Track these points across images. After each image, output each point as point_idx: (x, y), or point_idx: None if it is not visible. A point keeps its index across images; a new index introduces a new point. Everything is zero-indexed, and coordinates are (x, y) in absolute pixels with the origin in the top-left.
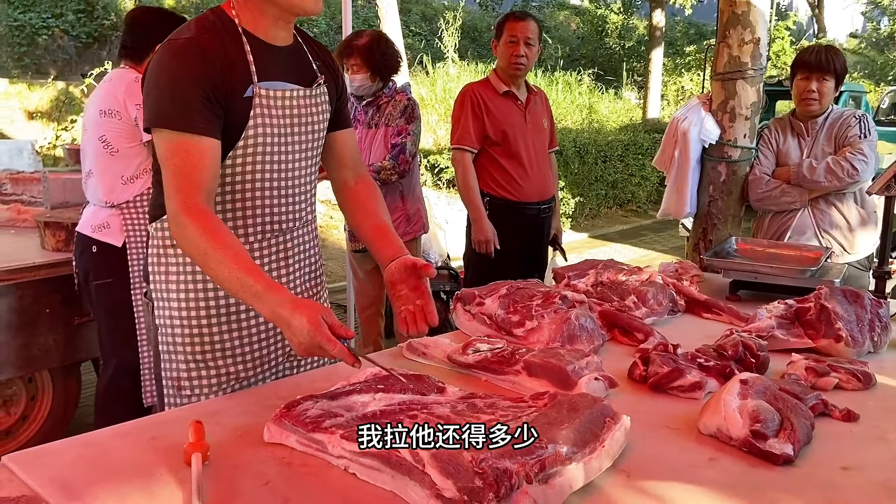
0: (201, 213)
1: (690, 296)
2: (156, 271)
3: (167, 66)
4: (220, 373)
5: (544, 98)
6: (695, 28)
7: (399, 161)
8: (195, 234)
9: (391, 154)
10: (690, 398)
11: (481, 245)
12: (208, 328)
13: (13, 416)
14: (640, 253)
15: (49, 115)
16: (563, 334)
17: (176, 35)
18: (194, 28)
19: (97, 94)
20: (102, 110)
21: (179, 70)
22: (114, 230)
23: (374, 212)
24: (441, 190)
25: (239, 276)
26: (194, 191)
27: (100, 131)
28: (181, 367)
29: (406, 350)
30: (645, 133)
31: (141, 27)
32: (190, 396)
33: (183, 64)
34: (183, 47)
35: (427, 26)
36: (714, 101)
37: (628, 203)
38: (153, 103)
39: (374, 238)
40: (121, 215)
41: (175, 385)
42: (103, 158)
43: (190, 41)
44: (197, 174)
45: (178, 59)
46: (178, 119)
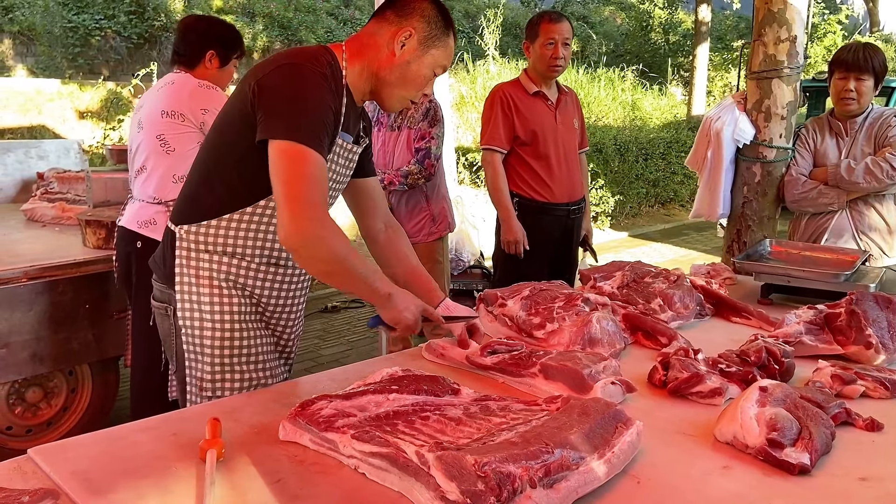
0: (335, 222)
1: (719, 299)
2: (184, 273)
3: (311, 87)
4: (245, 377)
5: (575, 98)
6: (745, 22)
7: (425, 165)
8: (340, 240)
9: (416, 158)
10: (710, 404)
11: (510, 246)
12: (239, 332)
13: (54, 408)
14: (680, 252)
15: (99, 114)
16: (584, 337)
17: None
18: (323, 64)
19: (158, 95)
20: (165, 111)
21: (320, 95)
22: (160, 227)
23: (407, 257)
24: (479, 187)
25: (374, 269)
26: (326, 203)
27: (158, 130)
28: (206, 370)
29: (425, 351)
30: (689, 130)
31: (194, 34)
32: (210, 398)
33: (322, 91)
34: (321, 77)
35: (469, 24)
36: (749, 101)
37: (670, 202)
38: (290, 117)
39: (415, 286)
40: (167, 213)
41: (198, 385)
42: (158, 156)
43: (322, 76)
44: (325, 191)
45: (318, 85)
46: (315, 139)
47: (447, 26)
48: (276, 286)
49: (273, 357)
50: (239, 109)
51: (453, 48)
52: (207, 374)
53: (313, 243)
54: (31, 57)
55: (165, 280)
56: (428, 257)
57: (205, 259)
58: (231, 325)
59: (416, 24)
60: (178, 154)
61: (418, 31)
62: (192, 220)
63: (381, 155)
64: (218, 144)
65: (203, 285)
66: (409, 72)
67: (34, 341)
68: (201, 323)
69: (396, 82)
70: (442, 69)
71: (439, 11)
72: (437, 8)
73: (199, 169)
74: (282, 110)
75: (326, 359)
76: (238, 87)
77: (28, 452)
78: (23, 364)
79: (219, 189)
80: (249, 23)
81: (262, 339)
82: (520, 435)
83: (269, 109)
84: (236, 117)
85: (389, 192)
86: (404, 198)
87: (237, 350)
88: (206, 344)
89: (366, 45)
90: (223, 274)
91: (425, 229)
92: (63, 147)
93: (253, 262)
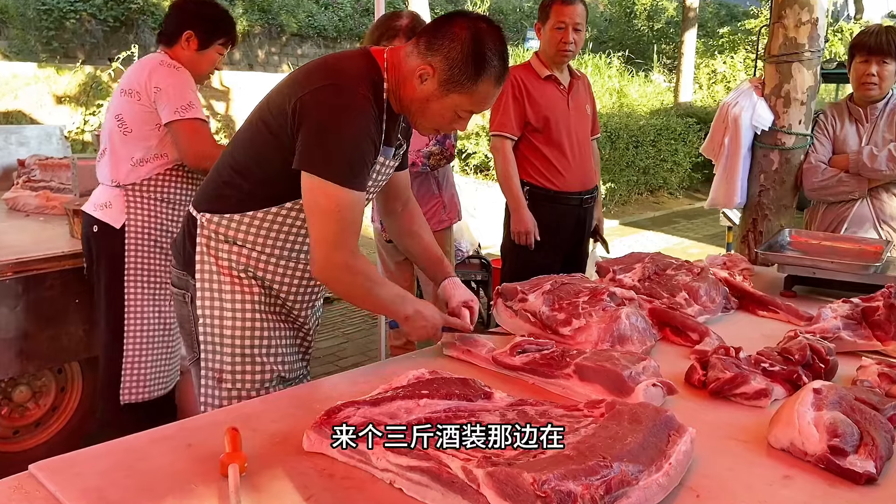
0: (362, 259)
1: (744, 292)
2: (205, 261)
3: (352, 121)
4: (265, 370)
5: (587, 83)
6: (726, 9)
7: (446, 146)
8: (365, 278)
9: (437, 139)
10: (755, 406)
11: (521, 236)
12: (260, 323)
13: (43, 408)
14: (672, 241)
15: (77, 99)
16: (613, 334)
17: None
18: (366, 82)
19: (125, 73)
20: (124, 89)
21: (363, 126)
22: (115, 211)
23: (420, 233)
24: (468, 175)
25: (395, 294)
26: (356, 243)
27: (117, 110)
28: (225, 360)
29: (447, 350)
30: (677, 117)
31: (176, 11)
32: (230, 390)
33: (365, 120)
34: (363, 105)
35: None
36: (767, 85)
37: (659, 189)
38: (331, 154)
39: (425, 259)
40: (125, 196)
41: (216, 377)
42: (117, 137)
43: (366, 101)
44: (358, 227)
45: (362, 112)
46: (353, 178)
47: (478, 72)
48: (295, 279)
49: (293, 350)
50: (277, 122)
51: (487, 94)
52: (227, 364)
53: (341, 282)
54: (3, 40)
55: (184, 266)
56: None
57: (224, 249)
58: (252, 315)
59: (438, 63)
60: (135, 136)
61: (439, 73)
62: (215, 209)
63: None
64: (248, 146)
65: (224, 274)
66: (429, 109)
67: (21, 338)
68: (221, 312)
69: (419, 115)
70: (468, 114)
71: (473, 52)
72: (472, 47)
73: (228, 162)
74: (322, 143)
75: (323, 352)
76: (275, 94)
77: (30, 469)
78: (9, 363)
79: (246, 186)
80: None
81: (282, 330)
82: (572, 447)
83: (308, 139)
84: (273, 127)
85: None
86: (416, 183)
87: (257, 341)
88: (227, 334)
89: (400, 64)
90: (242, 265)
91: (436, 217)
92: (45, 133)
93: (272, 257)
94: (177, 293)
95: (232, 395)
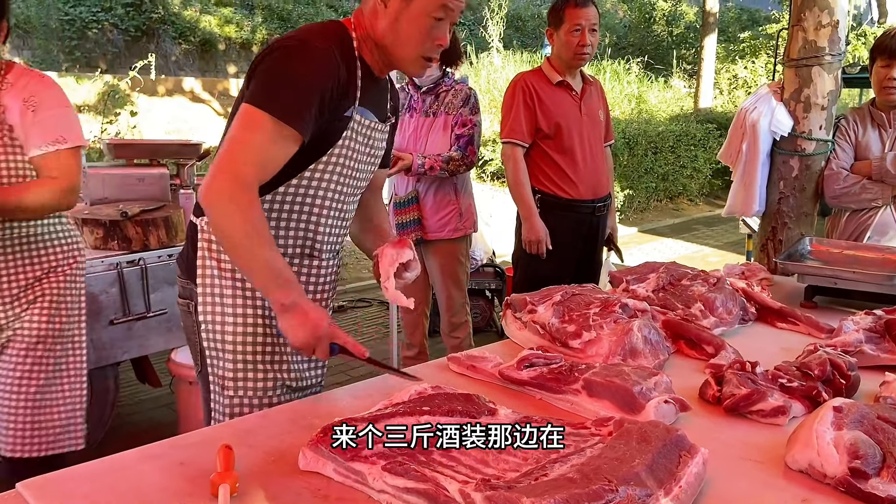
0: (256, 199)
1: (763, 303)
2: (206, 266)
3: (301, 61)
4: (268, 377)
5: (600, 88)
6: (747, 14)
7: (467, 152)
8: (248, 221)
9: (458, 145)
10: (772, 424)
11: (532, 245)
12: (262, 328)
13: None
14: (692, 248)
15: (96, 108)
16: (625, 347)
17: (308, 37)
18: (330, 37)
19: None
20: None
21: (309, 71)
22: None
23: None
24: (485, 182)
25: (279, 262)
26: (257, 177)
27: None
28: (227, 367)
29: (452, 364)
30: (697, 123)
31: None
32: (233, 398)
33: (314, 67)
34: (316, 51)
35: (472, 15)
36: (786, 90)
37: (679, 196)
38: (271, 89)
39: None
40: None
41: (220, 384)
42: None
43: (327, 49)
44: (269, 165)
45: (311, 60)
46: (288, 112)
47: None
48: (301, 280)
49: (299, 359)
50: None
51: None
52: (230, 371)
53: (220, 210)
54: (27, 50)
55: (188, 275)
56: (451, 256)
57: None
58: (254, 321)
59: None
60: None
61: None
62: None
63: (413, 140)
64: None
65: (226, 278)
66: (401, 29)
67: None
68: (223, 318)
69: (396, 44)
70: (442, 10)
71: None
72: None
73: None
74: (265, 82)
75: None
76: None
77: (17, 487)
78: None
79: None
80: (248, 15)
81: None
82: (576, 469)
83: (255, 83)
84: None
85: (418, 179)
86: (432, 189)
87: (259, 347)
88: (228, 340)
89: (362, 13)
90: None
91: (451, 224)
92: None
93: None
94: (181, 303)
95: (234, 402)
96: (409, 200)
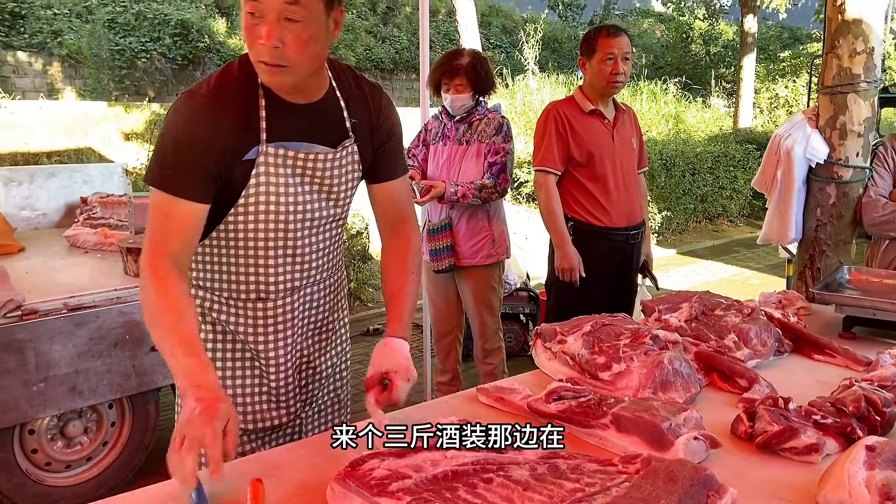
0: (164, 275)
1: (799, 334)
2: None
3: (173, 123)
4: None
5: (633, 116)
6: (788, 32)
7: (500, 180)
8: (152, 294)
9: (491, 173)
10: (805, 462)
11: (565, 273)
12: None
13: (94, 442)
14: (732, 271)
15: (143, 136)
16: (655, 380)
17: (196, 87)
18: (214, 81)
19: None
20: None
21: (183, 131)
22: None
23: (397, 272)
24: (520, 204)
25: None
26: (165, 253)
27: None
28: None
29: (481, 395)
30: (737, 143)
31: None
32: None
33: (189, 124)
34: (195, 105)
35: (507, 38)
36: (821, 117)
37: (719, 217)
38: (153, 160)
39: (388, 301)
40: None
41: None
42: None
43: (203, 98)
44: (173, 236)
45: (186, 117)
46: (167, 181)
47: None
48: (250, 321)
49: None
50: None
51: None
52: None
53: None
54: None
55: None
56: (483, 282)
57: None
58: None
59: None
60: None
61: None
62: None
63: (446, 168)
64: None
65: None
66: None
67: (73, 374)
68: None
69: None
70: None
71: None
72: None
73: None
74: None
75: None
76: None
77: None
78: (62, 397)
79: None
80: None
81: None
82: None
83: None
84: None
85: (451, 206)
86: (465, 215)
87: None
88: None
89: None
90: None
91: (484, 251)
92: (107, 171)
93: (222, 296)
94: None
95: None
96: (443, 227)
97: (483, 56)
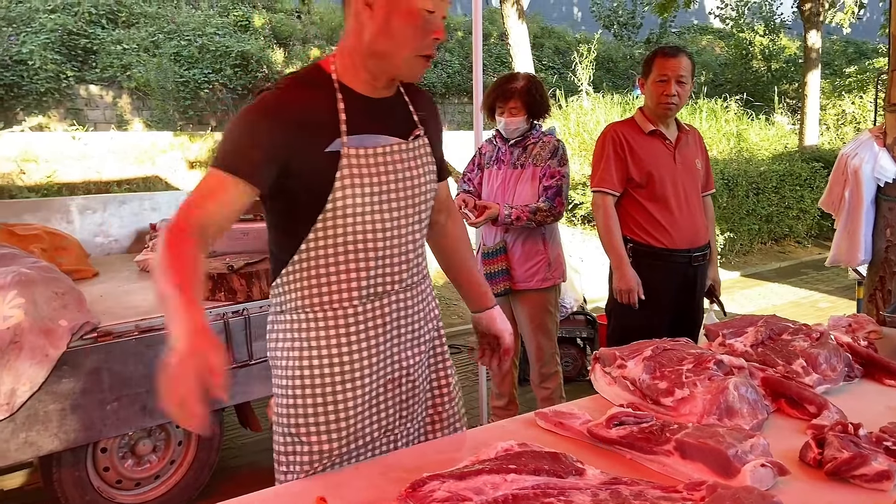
0: (184, 239)
1: (869, 358)
2: (272, 338)
3: (244, 120)
4: (313, 450)
5: (698, 137)
6: (853, 46)
7: (555, 203)
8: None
9: (547, 196)
10: (876, 489)
11: (623, 295)
12: (303, 399)
13: (162, 461)
14: (800, 293)
15: (206, 164)
16: (720, 406)
17: (270, 87)
18: (286, 81)
19: None
20: None
21: (251, 128)
22: None
23: (459, 251)
24: (576, 226)
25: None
26: (193, 216)
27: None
28: (279, 441)
29: (540, 419)
30: (802, 162)
31: None
32: (286, 473)
33: (257, 122)
34: (261, 105)
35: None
36: (889, 135)
37: (785, 238)
38: (220, 148)
39: (466, 282)
40: None
41: (276, 460)
42: None
43: (271, 98)
44: (210, 204)
45: (255, 115)
46: (225, 161)
47: None
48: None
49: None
50: None
51: None
52: (280, 445)
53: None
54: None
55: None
56: (539, 306)
57: (281, 321)
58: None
59: None
60: None
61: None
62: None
63: (501, 192)
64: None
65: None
66: (395, 32)
67: (144, 394)
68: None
69: (391, 46)
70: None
71: None
72: None
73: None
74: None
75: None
76: None
77: None
78: (133, 417)
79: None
80: None
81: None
82: None
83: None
84: None
85: (506, 230)
86: (520, 239)
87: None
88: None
89: (345, 36)
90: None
91: (540, 274)
92: (174, 198)
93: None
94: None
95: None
96: (498, 251)
97: (537, 80)
